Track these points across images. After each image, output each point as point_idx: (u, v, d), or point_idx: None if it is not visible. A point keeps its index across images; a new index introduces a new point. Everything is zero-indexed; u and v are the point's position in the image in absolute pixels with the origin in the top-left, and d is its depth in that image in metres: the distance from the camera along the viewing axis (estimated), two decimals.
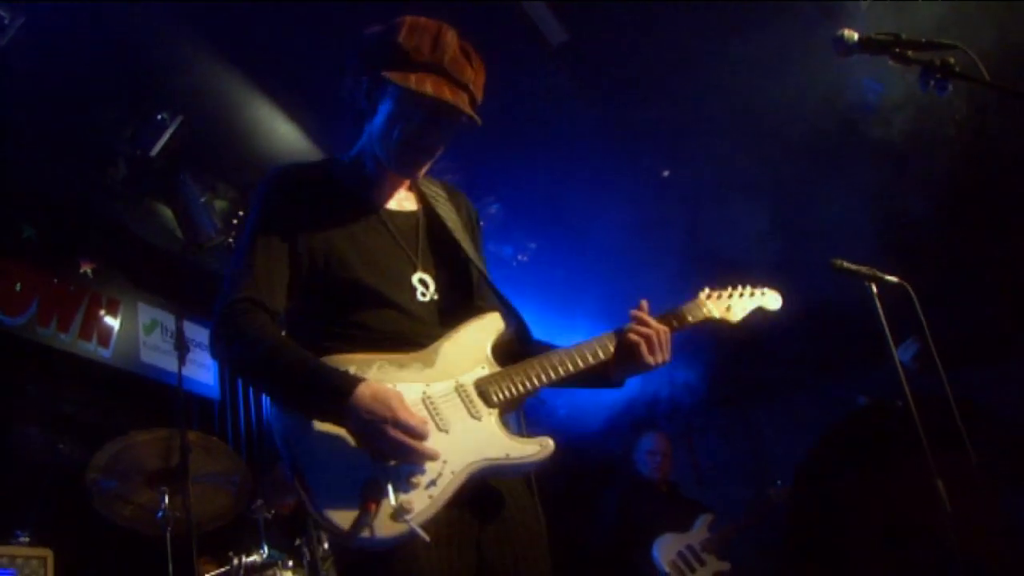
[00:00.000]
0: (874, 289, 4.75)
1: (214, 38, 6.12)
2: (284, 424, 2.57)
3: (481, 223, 3.25)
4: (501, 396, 2.74)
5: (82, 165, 6.90)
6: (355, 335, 2.71)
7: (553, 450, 2.70)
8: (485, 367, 2.79)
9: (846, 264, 4.78)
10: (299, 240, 2.75)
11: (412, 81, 2.69)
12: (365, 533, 2.42)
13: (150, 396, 7.16)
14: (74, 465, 5.34)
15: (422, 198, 3.02)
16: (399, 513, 2.44)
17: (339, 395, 2.47)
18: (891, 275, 4.74)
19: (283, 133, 6.65)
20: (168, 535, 5.06)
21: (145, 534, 5.21)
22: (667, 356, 2.93)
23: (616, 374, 2.96)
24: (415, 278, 2.83)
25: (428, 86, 2.68)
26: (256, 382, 2.74)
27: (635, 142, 7.23)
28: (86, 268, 7.18)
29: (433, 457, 2.52)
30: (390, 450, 2.46)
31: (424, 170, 2.91)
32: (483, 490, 2.66)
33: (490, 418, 2.70)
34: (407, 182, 2.99)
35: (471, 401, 2.71)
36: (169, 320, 7.61)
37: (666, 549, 6.62)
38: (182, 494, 5.01)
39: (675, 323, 3.05)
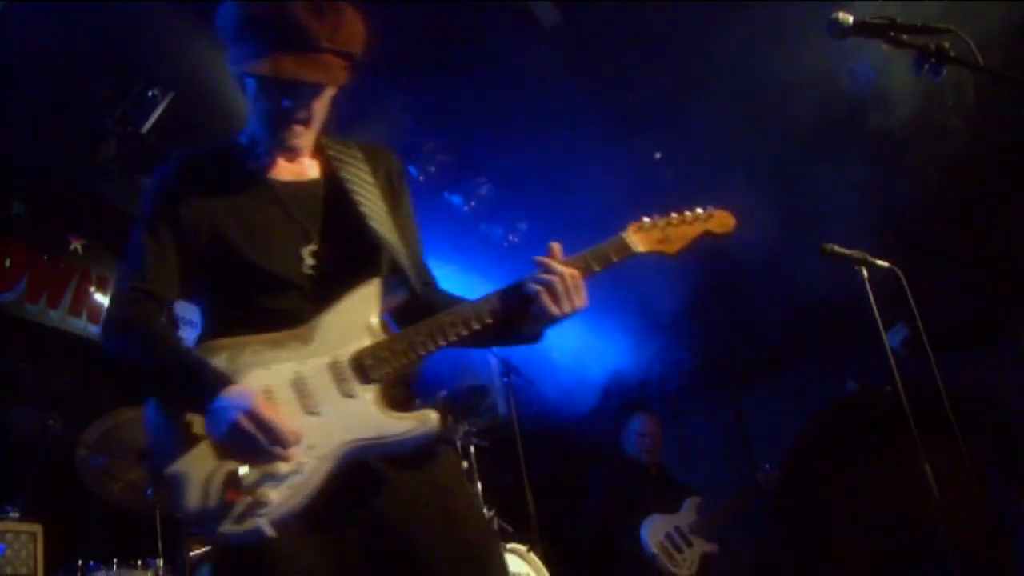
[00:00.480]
0: (865, 274, 4.75)
1: (206, 14, 6.09)
2: (151, 420, 2.52)
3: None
4: (381, 370, 2.56)
5: (72, 142, 6.87)
6: (242, 317, 2.60)
7: (435, 425, 2.52)
8: (366, 338, 2.60)
9: (837, 248, 4.78)
10: (188, 226, 2.65)
11: (252, 65, 2.61)
12: (221, 528, 2.34)
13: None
14: (64, 441, 5.34)
15: (327, 163, 2.85)
16: (253, 507, 2.35)
17: (199, 403, 2.42)
18: (882, 260, 4.76)
19: None
20: (158, 512, 5.06)
21: (135, 511, 5.21)
22: (578, 303, 2.61)
23: (526, 327, 2.69)
24: (306, 251, 2.67)
25: (266, 66, 2.58)
26: (130, 376, 2.58)
27: (628, 122, 7.23)
28: (76, 245, 7.16)
29: (286, 458, 2.41)
30: (251, 458, 2.39)
31: (303, 138, 2.78)
32: (372, 471, 2.54)
33: (365, 395, 2.53)
34: (307, 150, 2.84)
35: (344, 379, 2.55)
36: None
37: (654, 530, 6.64)
38: None
39: (593, 264, 2.68)
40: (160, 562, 4.93)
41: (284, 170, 2.81)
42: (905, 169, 6.71)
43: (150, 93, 6.50)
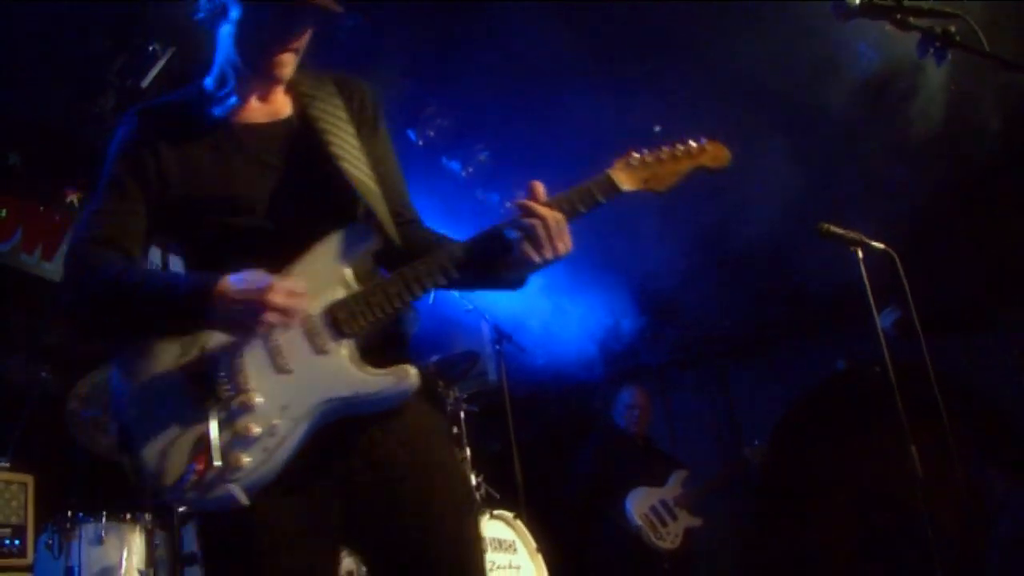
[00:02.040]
0: (859, 255, 4.78)
1: None
2: (115, 385, 2.40)
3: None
4: (355, 324, 2.41)
5: (70, 93, 6.84)
6: (215, 270, 2.39)
7: (414, 380, 2.39)
8: (339, 290, 2.45)
9: (833, 228, 4.81)
10: (152, 178, 2.51)
11: None
12: (190, 495, 2.24)
13: None
14: (56, 393, 5.35)
15: (299, 101, 2.69)
16: (224, 472, 2.24)
17: (202, 291, 2.31)
18: (877, 242, 4.78)
19: None
20: None
21: (124, 464, 5.23)
22: (562, 249, 2.44)
23: (507, 273, 2.54)
24: (278, 195, 2.53)
25: None
26: (106, 312, 2.42)
27: (631, 96, 7.21)
28: (72, 197, 7.13)
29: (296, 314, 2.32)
30: (276, 314, 2.28)
31: (289, 68, 2.63)
32: (349, 428, 2.41)
33: (340, 350, 2.39)
34: (279, 87, 2.68)
35: (317, 334, 2.39)
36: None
37: (639, 502, 6.69)
38: None
39: (579, 206, 2.51)
40: (149, 516, 4.96)
41: (254, 111, 2.66)
42: (906, 155, 6.72)
43: (151, 47, 6.46)
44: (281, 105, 2.69)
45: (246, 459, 2.27)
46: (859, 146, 6.88)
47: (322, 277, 2.46)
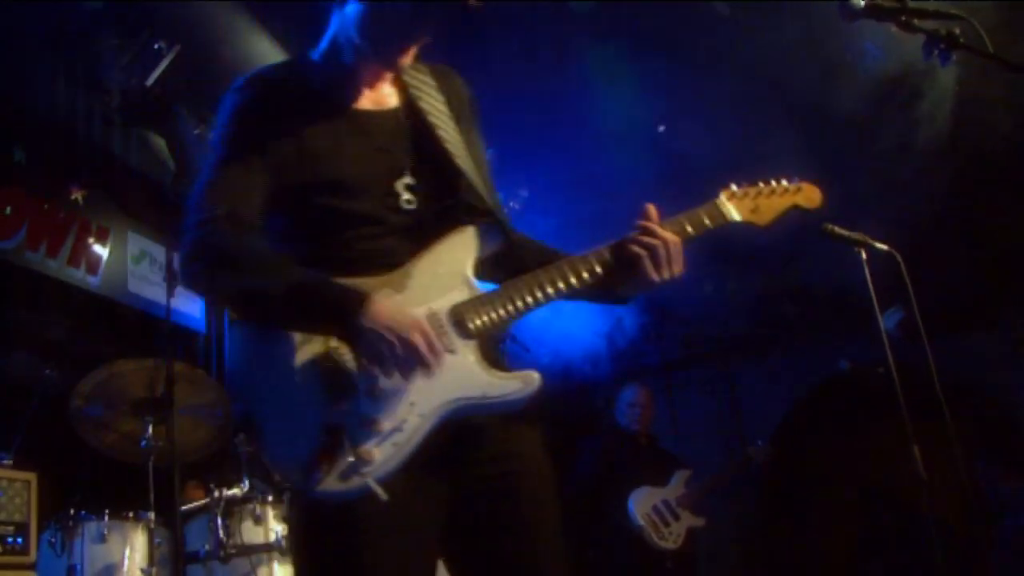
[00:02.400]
0: (863, 256, 4.78)
1: None
2: (241, 367, 2.37)
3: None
4: (479, 324, 2.41)
5: (76, 90, 6.86)
6: (330, 256, 2.42)
7: (538, 386, 2.41)
8: (464, 290, 2.45)
9: (837, 229, 4.81)
10: (270, 153, 2.44)
11: None
12: (321, 485, 2.23)
13: (136, 326, 7.17)
14: (60, 390, 5.36)
15: (404, 90, 2.65)
16: (357, 464, 2.24)
17: (356, 300, 2.27)
18: (881, 243, 4.78)
19: None
20: (151, 464, 5.09)
21: (128, 462, 5.24)
22: (677, 270, 2.53)
23: (621, 290, 2.61)
24: (400, 184, 2.50)
25: None
26: (248, 303, 2.39)
27: (637, 95, 7.21)
28: (77, 195, 7.14)
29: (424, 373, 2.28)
30: (403, 359, 2.24)
31: (409, 57, 2.58)
32: (467, 433, 2.40)
33: (466, 351, 2.39)
34: (389, 74, 2.63)
35: (444, 332, 2.38)
36: (158, 251, 7.60)
37: (642, 502, 6.68)
38: (166, 424, 5.03)
39: (689, 230, 2.60)
40: (152, 515, 4.96)
41: (365, 98, 2.61)
42: (910, 157, 6.72)
43: (156, 45, 6.48)
44: (388, 93, 2.65)
45: (377, 453, 2.26)
46: (868, 145, 6.87)
47: (447, 276, 2.47)
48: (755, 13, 6.27)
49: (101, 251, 7.23)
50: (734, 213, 2.70)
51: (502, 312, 2.44)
